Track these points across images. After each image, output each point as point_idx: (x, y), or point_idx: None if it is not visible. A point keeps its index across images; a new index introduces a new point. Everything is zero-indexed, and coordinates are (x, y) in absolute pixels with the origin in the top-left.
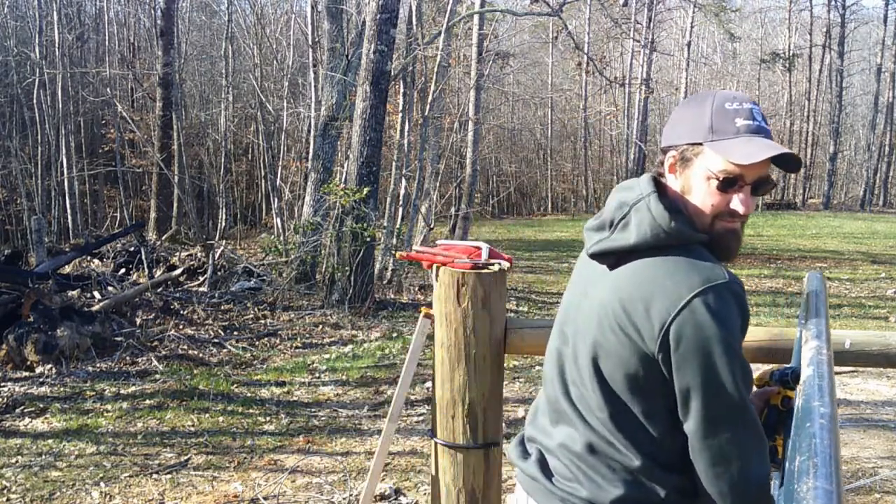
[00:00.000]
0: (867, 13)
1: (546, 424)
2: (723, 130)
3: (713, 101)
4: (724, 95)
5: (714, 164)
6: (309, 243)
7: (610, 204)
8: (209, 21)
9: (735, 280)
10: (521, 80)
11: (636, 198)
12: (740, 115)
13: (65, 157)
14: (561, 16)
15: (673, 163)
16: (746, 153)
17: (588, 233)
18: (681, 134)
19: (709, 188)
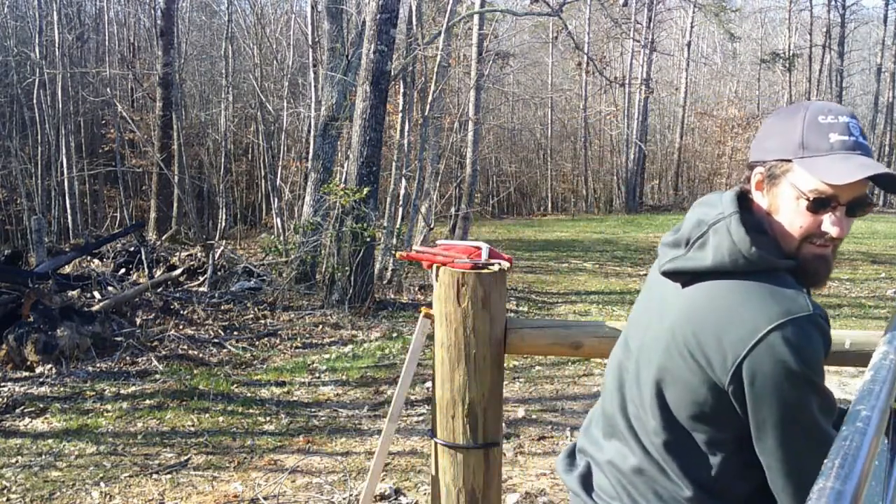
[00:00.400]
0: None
1: (599, 436)
2: (815, 147)
3: (805, 114)
4: (817, 108)
5: (804, 183)
6: (309, 243)
7: (689, 219)
8: (209, 21)
9: (819, 311)
10: (521, 80)
11: (716, 217)
12: (835, 129)
13: (65, 157)
14: (561, 16)
15: (760, 180)
16: (840, 172)
17: (663, 248)
18: (769, 149)
19: (798, 208)
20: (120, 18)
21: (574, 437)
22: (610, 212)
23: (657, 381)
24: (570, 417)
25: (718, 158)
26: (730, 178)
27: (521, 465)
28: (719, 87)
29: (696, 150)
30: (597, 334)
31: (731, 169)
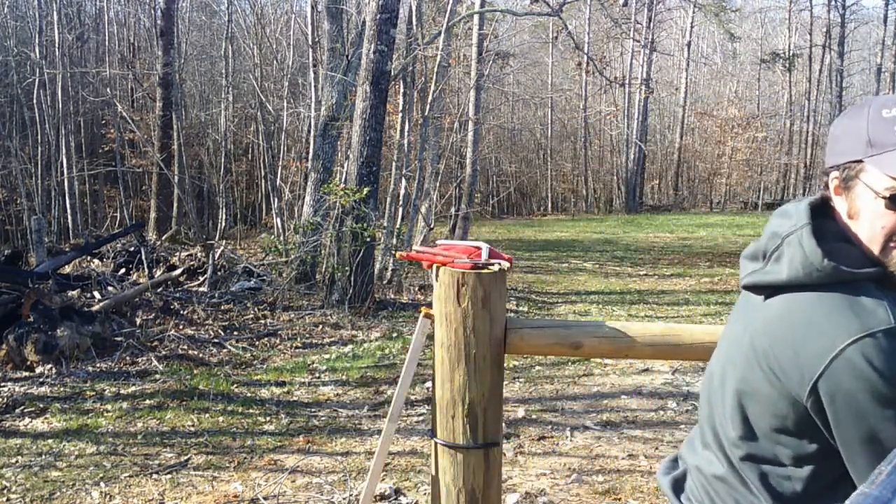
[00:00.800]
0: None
1: (697, 444)
2: (882, 142)
3: (869, 111)
4: (880, 102)
5: (878, 182)
6: (309, 243)
7: (766, 231)
8: (209, 21)
9: None
10: (521, 80)
11: (790, 228)
12: None
13: (65, 157)
14: (561, 16)
15: (837, 185)
16: None
17: (743, 261)
18: (839, 151)
19: (876, 209)
20: (120, 18)
21: (574, 436)
22: (610, 212)
23: (738, 393)
24: (570, 417)
25: (718, 158)
26: (730, 178)
27: (521, 465)
28: (719, 87)
29: (696, 150)
30: (597, 334)
31: (731, 169)
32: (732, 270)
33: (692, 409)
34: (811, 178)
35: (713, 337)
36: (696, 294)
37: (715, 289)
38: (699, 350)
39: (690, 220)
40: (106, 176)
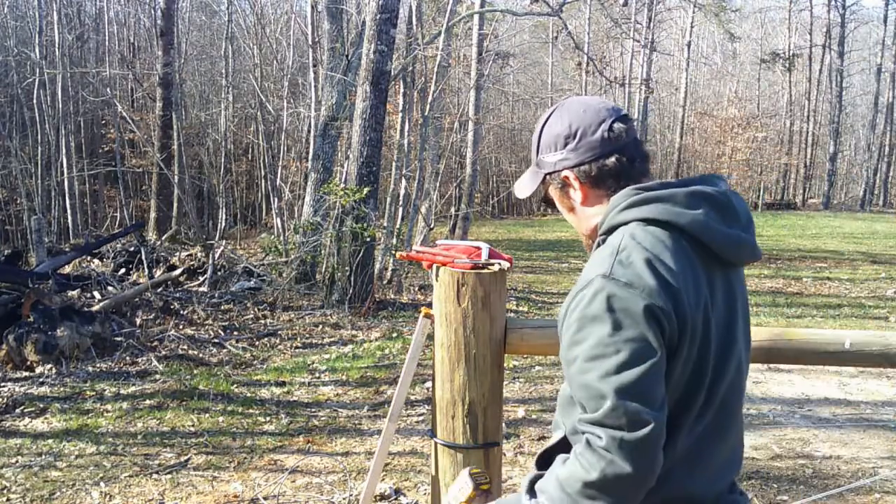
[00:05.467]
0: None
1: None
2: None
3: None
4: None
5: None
6: (309, 243)
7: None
8: (209, 21)
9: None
10: (521, 80)
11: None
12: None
13: (65, 157)
14: (561, 16)
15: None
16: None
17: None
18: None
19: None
20: (120, 18)
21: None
22: None
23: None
24: None
25: (718, 158)
26: (730, 177)
27: (521, 465)
28: (719, 87)
29: (696, 150)
30: None
31: (730, 169)
32: None
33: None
34: (811, 177)
35: None
36: None
37: None
38: None
39: None
40: (106, 176)
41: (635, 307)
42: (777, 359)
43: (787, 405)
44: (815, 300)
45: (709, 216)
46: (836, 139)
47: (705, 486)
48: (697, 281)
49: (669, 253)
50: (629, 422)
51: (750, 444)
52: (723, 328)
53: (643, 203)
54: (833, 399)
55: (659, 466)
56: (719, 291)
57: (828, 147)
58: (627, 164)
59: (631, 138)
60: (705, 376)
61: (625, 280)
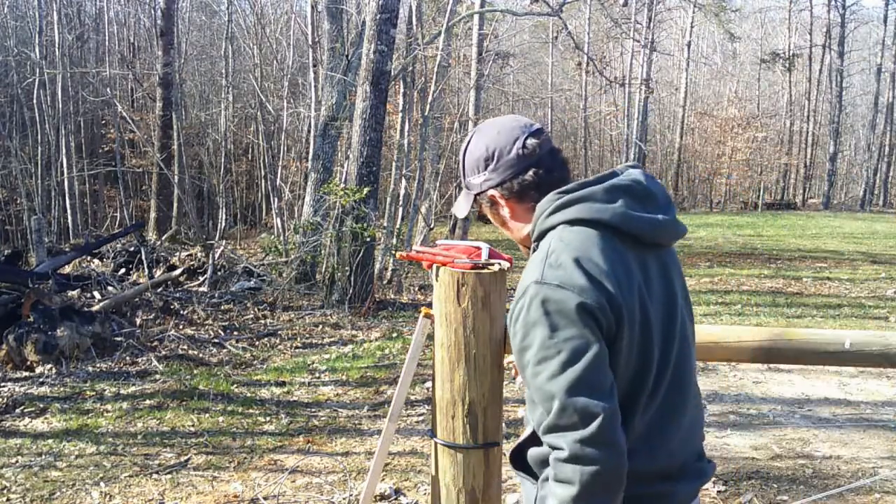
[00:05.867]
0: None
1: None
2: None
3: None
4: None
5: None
6: (309, 243)
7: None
8: (209, 21)
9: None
10: (521, 80)
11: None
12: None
13: (65, 157)
14: (561, 16)
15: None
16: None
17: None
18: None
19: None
20: (120, 18)
21: None
22: None
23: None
24: None
25: (718, 158)
26: (730, 178)
27: None
28: (719, 87)
29: (696, 150)
30: None
31: (730, 169)
32: (732, 270)
33: None
34: (811, 177)
35: (713, 337)
36: (696, 294)
37: (715, 289)
38: (699, 350)
39: (690, 220)
40: (106, 176)
41: (568, 307)
42: (777, 359)
43: (787, 405)
44: (815, 300)
45: (628, 206)
46: (836, 139)
47: (668, 458)
48: (628, 269)
49: (597, 249)
50: (581, 418)
51: (750, 444)
52: (663, 305)
53: (566, 206)
54: (833, 399)
55: (623, 447)
56: (654, 272)
57: (828, 147)
58: (545, 174)
59: (545, 150)
60: (652, 356)
61: (556, 282)
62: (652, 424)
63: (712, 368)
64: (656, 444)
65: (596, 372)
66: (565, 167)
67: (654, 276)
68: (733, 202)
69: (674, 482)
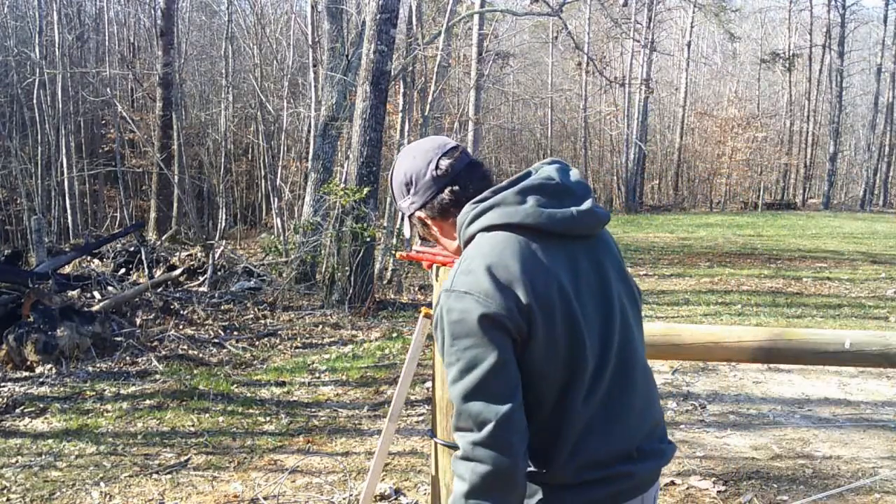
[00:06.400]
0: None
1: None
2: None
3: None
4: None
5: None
6: (309, 243)
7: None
8: (209, 21)
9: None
10: (521, 80)
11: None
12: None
13: (65, 157)
14: (561, 16)
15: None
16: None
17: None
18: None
19: None
20: (120, 18)
21: None
22: (610, 211)
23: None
24: None
25: (718, 158)
26: (730, 178)
27: None
28: (719, 87)
29: (696, 150)
30: None
31: (730, 169)
32: (732, 270)
33: (692, 408)
34: (811, 177)
35: (713, 337)
36: (696, 294)
37: (715, 289)
38: (699, 350)
39: (690, 220)
40: (106, 176)
41: (470, 316)
42: (777, 359)
43: (787, 405)
44: (815, 300)
45: (540, 204)
46: (836, 139)
47: (624, 440)
48: (544, 267)
49: (510, 251)
50: (475, 423)
51: (750, 444)
52: (597, 294)
53: (480, 214)
54: (833, 399)
55: (517, 454)
56: (584, 263)
57: (828, 147)
58: (461, 191)
59: (461, 168)
60: (583, 345)
61: (463, 289)
62: (598, 414)
63: (712, 368)
64: (609, 427)
65: (492, 380)
66: (484, 179)
67: (584, 267)
68: (733, 202)
69: (633, 462)
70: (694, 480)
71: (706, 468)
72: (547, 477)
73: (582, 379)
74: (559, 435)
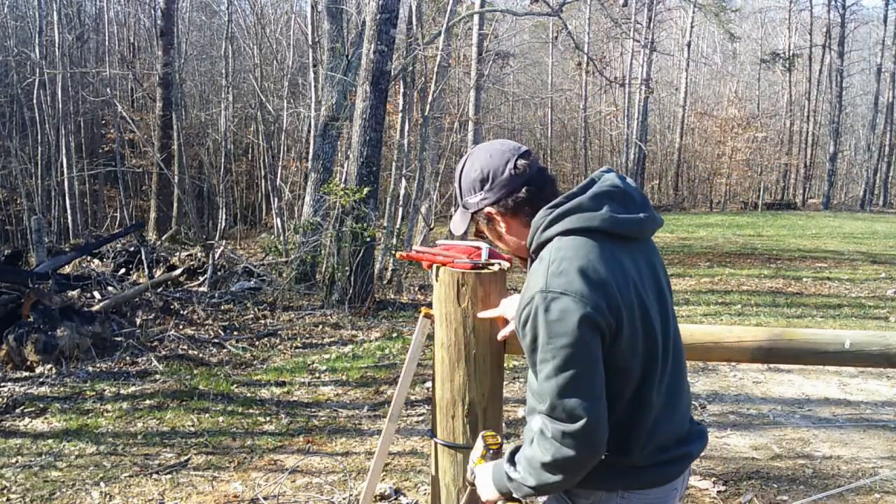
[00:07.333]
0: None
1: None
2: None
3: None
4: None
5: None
6: (309, 243)
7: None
8: (209, 21)
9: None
10: (521, 80)
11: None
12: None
13: (65, 157)
14: (561, 16)
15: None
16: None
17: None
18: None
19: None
20: (120, 18)
21: None
22: None
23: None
24: None
25: (718, 158)
26: (730, 178)
27: None
28: (719, 87)
29: (696, 150)
30: None
31: (730, 169)
32: (732, 270)
33: (692, 408)
34: (811, 177)
35: (713, 337)
36: (696, 294)
37: (715, 289)
38: (699, 350)
39: (690, 220)
40: (106, 176)
41: (568, 315)
42: (777, 359)
43: (787, 405)
44: (815, 300)
45: (612, 209)
46: (836, 139)
47: (679, 424)
48: (622, 267)
49: (594, 255)
50: (567, 416)
51: (750, 444)
52: (654, 292)
53: (559, 219)
54: (833, 399)
55: (601, 447)
56: (642, 263)
57: (828, 147)
58: (536, 191)
59: (535, 170)
60: (657, 341)
61: (560, 290)
62: (667, 397)
63: (712, 368)
64: (671, 413)
65: (585, 377)
66: (553, 183)
67: (643, 267)
68: (733, 202)
69: (688, 443)
70: (694, 480)
71: (706, 468)
72: (620, 461)
73: (656, 372)
74: (636, 424)
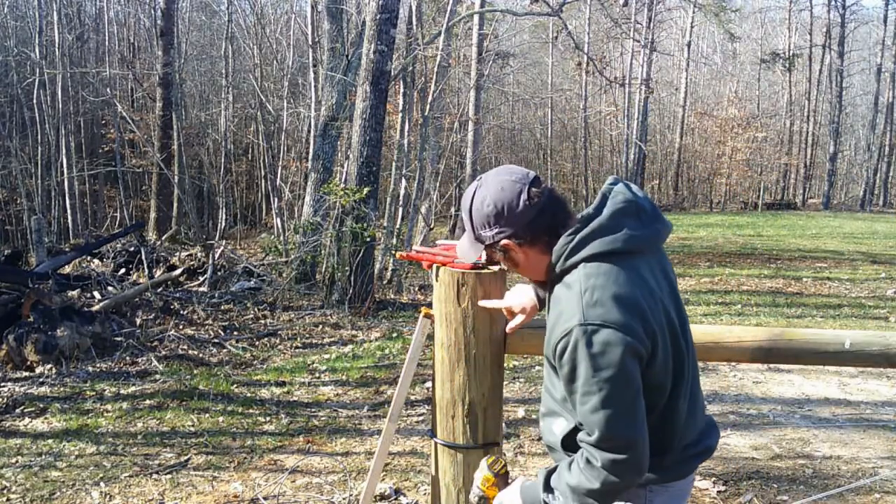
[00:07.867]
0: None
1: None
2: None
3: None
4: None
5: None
6: (309, 243)
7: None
8: (209, 21)
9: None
10: (521, 80)
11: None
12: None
13: (65, 157)
14: (561, 16)
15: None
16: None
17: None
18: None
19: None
20: (120, 18)
21: None
22: None
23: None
24: None
25: (718, 158)
26: (730, 178)
27: (521, 465)
28: (719, 87)
29: (696, 150)
30: None
31: (730, 169)
32: (732, 270)
33: None
34: (811, 177)
35: (713, 337)
36: (696, 294)
37: (715, 289)
38: (699, 350)
39: (690, 220)
40: (106, 176)
41: (610, 348)
42: (777, 359)
43: (787, 405)
44: (815, 300)
45: (630, 227)
46: (836, 139)
47: (700, 420)
48: (648, 284)
49: (623, 278)
50: (616, 446)
51: (750, 444)
52: (672, 300)
53: (581, 245)
54: (833, 399)
55: (645, 469)
56: (658, 271)
57: (828, 147)
58: (551, 217)
59: (546, 196)
60: (683, 352)
61: (599, 321)
62: (690, 403)
63: (712, 368)
64: (694, 413)
65: (631, 407)
66: (565, 204)
67: (659, 277)
68: (733, 202)
69: (709, 437)
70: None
71: (706, 468)
72: (651, 463)
73: (683, 382)
74: (667, 431)
